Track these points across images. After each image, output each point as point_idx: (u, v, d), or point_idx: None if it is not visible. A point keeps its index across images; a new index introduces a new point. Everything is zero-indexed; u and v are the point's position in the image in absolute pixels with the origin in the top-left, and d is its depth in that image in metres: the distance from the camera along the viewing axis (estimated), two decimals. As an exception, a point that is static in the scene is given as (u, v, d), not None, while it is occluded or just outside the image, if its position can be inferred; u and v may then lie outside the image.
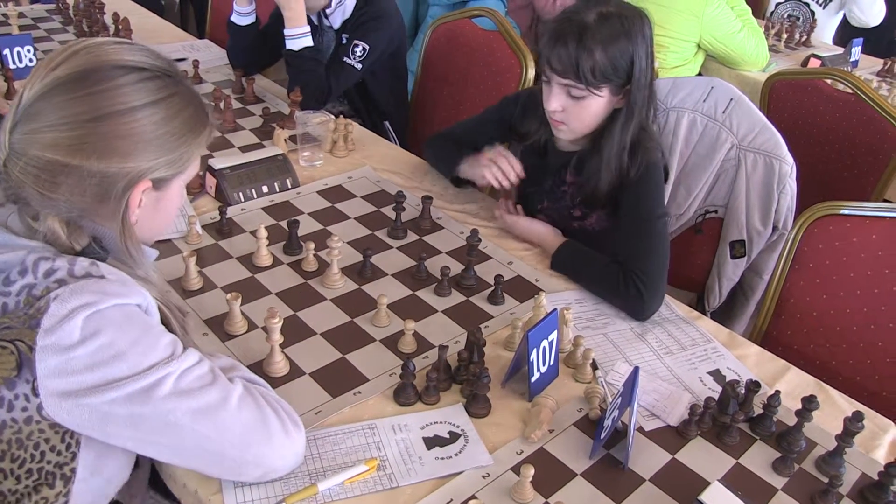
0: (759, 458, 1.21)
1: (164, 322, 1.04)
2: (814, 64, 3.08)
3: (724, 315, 2.08)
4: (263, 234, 1.54)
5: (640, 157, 1.59)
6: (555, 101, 1.57)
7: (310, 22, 2.26)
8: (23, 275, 0.92)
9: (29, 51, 2.32)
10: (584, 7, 1.53)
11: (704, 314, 1.58)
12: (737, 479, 1.16)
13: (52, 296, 0.89)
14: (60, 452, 0.95)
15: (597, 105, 1.56)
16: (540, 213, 1.79)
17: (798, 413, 1.21)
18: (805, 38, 3.48)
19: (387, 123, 2.64)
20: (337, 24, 2.39)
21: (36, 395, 0.90)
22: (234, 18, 2.40)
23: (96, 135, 0.93)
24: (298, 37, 2.22)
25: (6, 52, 2.28)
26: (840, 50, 3.34)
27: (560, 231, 1.71)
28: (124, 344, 0.92)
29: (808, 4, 3.70)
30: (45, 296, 0.90)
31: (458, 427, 1.20)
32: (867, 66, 3.28)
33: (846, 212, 1.63)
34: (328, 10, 2.37)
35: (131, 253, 1.02)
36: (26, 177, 0.93)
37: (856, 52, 3.24)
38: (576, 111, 1.57)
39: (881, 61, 3.29)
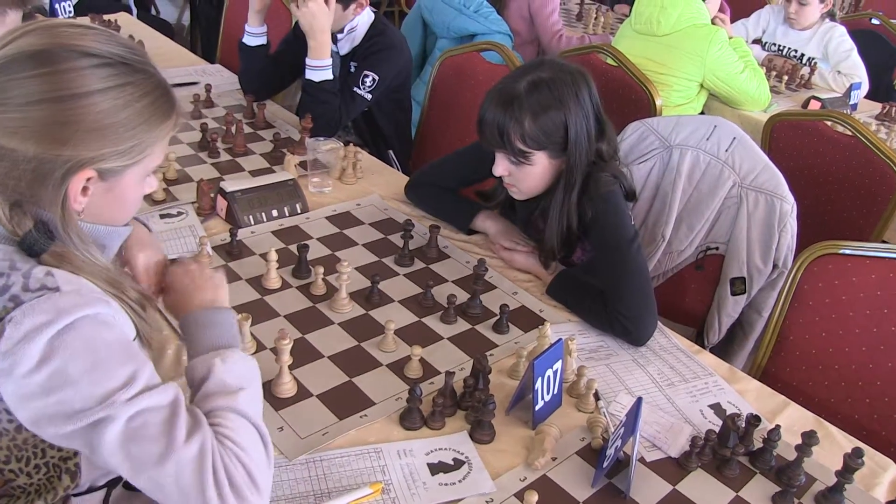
0: (758, 492, 1.22)
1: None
2: (814, 106, 3.13)
3: (722, 351, 2.09)
4: (273, 257, 1.57)
5: (593, 194, 1.59)
6: (499, 167, 1.61)
7: None
8: None
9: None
10: (519, 74, 1.56)
11: (703, 349, 1.60)
12: (737, 512, 1.18)
13: (7, 318, 0.86)
14: (62, 448, 0.95)
15: (538, 170, 1.58)
16: None
17: (798, 448, 1.22)
18: (806, 79, 3.53)
19: (391, 152, 2.68)
20: (344, 51, 2.43)
21: (10, 413, 0.89)
22: (246, 39, 2.43)
23: (33, 119, 0.89)
24: (321, 69, 2.23)
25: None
26: (840, 92, 3.38)
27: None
28: (77, 371, 0.86)
29: (787, 58, 3.73)
30: (2, 318, 0.87)
31: (462, 454, 1.22)
32: (866, 110, 3.33)
33: (846, 251, 1.65)
34: (339, 36, 2.40)
35: (74, 241, 0.95)
36: None
37: (855, 95, 3.29)
38: (520, 176, 1.61)
39: (880, 105, 3.34)
